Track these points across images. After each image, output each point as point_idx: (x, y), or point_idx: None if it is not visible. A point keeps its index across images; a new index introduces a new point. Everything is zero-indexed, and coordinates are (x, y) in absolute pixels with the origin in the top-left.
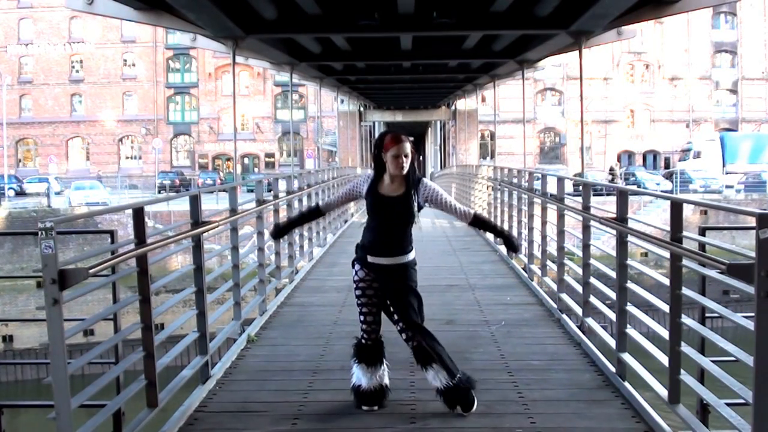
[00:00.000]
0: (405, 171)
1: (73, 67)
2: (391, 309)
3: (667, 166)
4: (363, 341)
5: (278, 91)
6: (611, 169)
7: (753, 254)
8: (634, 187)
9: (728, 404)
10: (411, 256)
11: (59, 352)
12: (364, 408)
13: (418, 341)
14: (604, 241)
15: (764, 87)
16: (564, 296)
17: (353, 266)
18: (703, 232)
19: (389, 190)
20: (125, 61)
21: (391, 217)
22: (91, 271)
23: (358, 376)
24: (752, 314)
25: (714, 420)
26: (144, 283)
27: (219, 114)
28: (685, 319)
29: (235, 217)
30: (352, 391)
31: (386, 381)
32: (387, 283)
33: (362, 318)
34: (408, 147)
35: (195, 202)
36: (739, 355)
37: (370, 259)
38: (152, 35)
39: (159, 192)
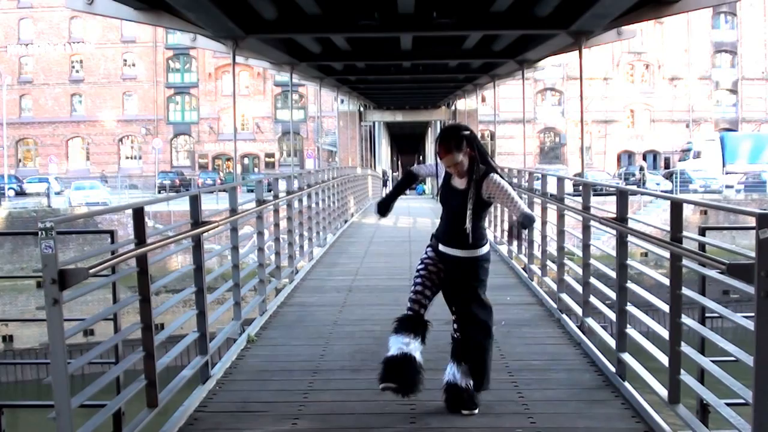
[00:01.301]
0: (461, 173)
1: (73, 67)
2: (456, 301)
3: (667, 166)
4: (407, 311)
5: (278, 91)
6: (641, 169)
7: (753, 254)
8: (634, 187)
9: (728, 404)
10: (483, 251)
11: (59, 352)
12: (382, 385)
13: (465, 336)
14: (604, 241)
15: (764, 87)
16: (564, 296)
17: (428, 248)
18: (703, 232)
19: (457, 183)
20: (125, 61)
21: (456, 208)
22: (91, 271)
23: (397, 345)
24: (752, 314)
25: (714, 420)
26: (144, 283)
27: (219, 114)
28: (685, 319)
29: (235, 217)
30: (383, 363)
31: (419, 358)
32: (454, 275)
33: (414, 288)
34: (458, 157)
35: (195, 202)
36: (739, 355)
37: (441, 248)
38: (152, 35)
39: (159, 192)
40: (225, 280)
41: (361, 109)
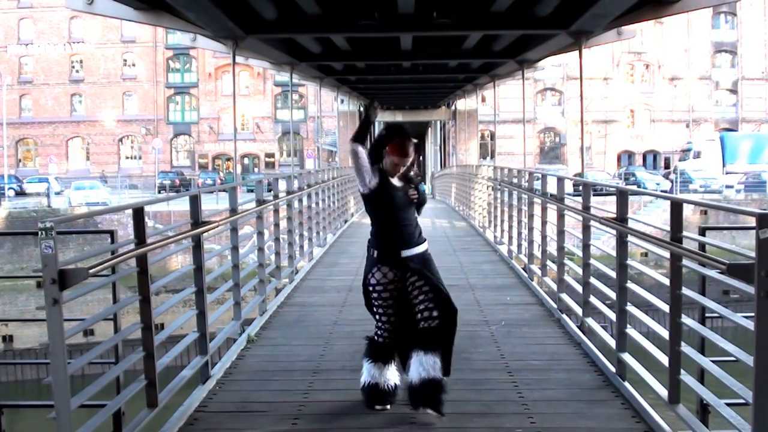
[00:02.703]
0: (399, 171)
1: (73, 67)
2: (422, 290)
3: (667, 166)
4: (378, 339)
5: (278, 91)
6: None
7: (753, 254)
8: (634, 187)
9: (728, 404)
10: (427, 244)
11: (59, 352)
12: (377, 407)
13: (437, 324)
14: (604, 241)
15: (764, 87)
16: (564, 296)
17: (373, 269)
18: (703, 232)
19: (395, 181)
20: (125, 61)
21: (406, 207)
22: (91, 271)
23: (372, 374)
24: (752, 314)
25: (714, 420)
26: (144, 283)
27: (219, 114)
28: (685, 319)
29: (235, 217)
30: (362, 390)
31: (398, 381)
32: (416, 272)
33: (382, 318)
34: (409, 161)
35: (195, 202)
36: (739, 355)
37: (404, 253)
38: (152, 35)
39: (159, 192)
40: (225, 280)
41: (361, 109)
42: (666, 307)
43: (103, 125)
